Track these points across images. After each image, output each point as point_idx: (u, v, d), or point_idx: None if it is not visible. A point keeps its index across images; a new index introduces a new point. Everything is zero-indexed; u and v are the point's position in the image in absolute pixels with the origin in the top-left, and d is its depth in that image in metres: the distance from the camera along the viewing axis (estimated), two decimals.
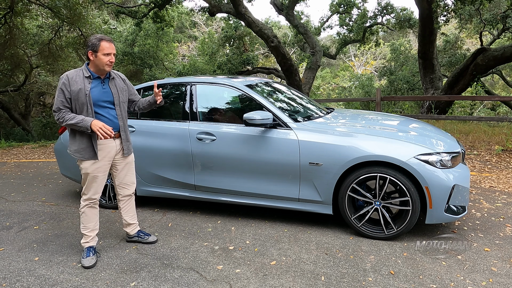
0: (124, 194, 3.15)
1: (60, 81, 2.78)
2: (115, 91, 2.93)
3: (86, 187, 2.94)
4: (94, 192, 2.94)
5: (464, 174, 3.15)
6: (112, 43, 2.82)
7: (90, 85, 2.80)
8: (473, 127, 8.45)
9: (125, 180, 3.12)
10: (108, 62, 2.79)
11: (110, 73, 2.94)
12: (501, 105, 17.98)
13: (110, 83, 2.92)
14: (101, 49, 2.75)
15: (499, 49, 10.37)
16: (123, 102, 3.00)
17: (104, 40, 2.77)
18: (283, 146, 3.33)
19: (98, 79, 2.86)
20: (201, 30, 29.75)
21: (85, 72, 2.81)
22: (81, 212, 2.99)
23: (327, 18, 18.72)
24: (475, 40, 20.97)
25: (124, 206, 3.20)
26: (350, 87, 25.14)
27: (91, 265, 2.87)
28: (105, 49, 2.76)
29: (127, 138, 3.04)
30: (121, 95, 2.97)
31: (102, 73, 2.86)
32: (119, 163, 3.05)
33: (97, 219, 3.06)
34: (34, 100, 20.18)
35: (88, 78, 2.80)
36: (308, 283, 2.55)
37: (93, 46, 2.76)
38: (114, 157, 3.00)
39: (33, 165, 7.20)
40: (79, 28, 12.89)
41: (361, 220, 3.21)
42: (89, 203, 2.97)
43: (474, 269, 2.68)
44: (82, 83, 2.76)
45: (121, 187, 3.13)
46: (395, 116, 4.62)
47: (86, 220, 2.99)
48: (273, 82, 4.54)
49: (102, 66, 2.79)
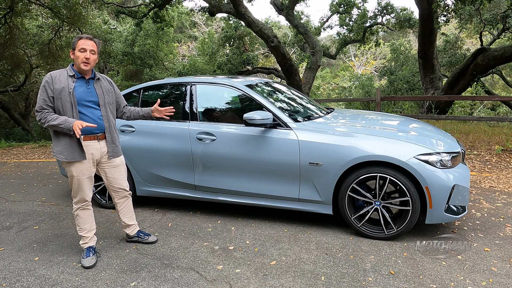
0: (119, 196, 3.11)
1: (43, 80, 2.73)
2: (100, 92, 2.86)
3: (74, 191, 2.89)
4: (82, 195, 2.88)
5: (464, 174, 3.15)
6: (90, 40, 2.75)
7: (74, 84, 2.74)
8: (473, 127, 8.45)
9: (116, 184, 3.05)
10: (84, 58, 2.70)
11: (96, 74, 2.88)
12: (501, 105, 17.98)
13: (95, 84, 2.86)
14: (77, 46, 2.72)
15: (499, 49, 10.37)
16: (109, 103, 2.92)
17: (82, 38, 2.75)
18: (283, 146, 3.33)
19: (82, 79, 2.80)
20: (201, 30, 29.76)
21: (70, 71, 2.78)
22: (74, 215, 2.96)
23: (327, 18, 18.72)
24: (475, 40, 20.97)
25: (122, 208, 3.16)
26: (350, 87, 25.15)
27: (91, 265, 2.86)
28: (80, 45, 2.71)
29: (113, 140, 2.94)
30: (107, 96, 2.90)
31: (84, 73, 2.79)
32: (106, 166, 2.97)
33: (92, 219, 3.02)
34: (34, 100, 20.16)
35: (72, 77, 2.76)
36: (308, 283, 2.56)
37: (73, 45, 2.76)
38: (100, 159, 2.92)
39: (33, 165, 7.20)
40: (79, 28, 12.89)
41: (361, 220, 3.21)
42: (81, 206, 2.92)
43: (474, 269, 2.68)
44: (65, 81, 2.72)
45: (114, 191, 3.08)
46: (395, 116, 4.62)
47: (81, 222, 2.96)
48: (273, 82, 4.54)
49: (78, 63, 2.73)
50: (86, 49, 2.72)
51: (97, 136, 2.86)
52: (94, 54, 2.77)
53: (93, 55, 2.76)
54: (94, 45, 2.78)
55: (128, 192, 3.15)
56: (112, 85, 3.03)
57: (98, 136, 2.86)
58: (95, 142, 2.85)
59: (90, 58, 2.73)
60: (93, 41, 2.78)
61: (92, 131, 2.82)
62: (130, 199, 3.20)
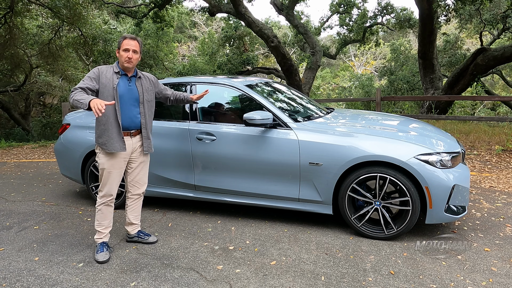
0: (134, 192, 3.19)
1: (93, 70, 2.89)
2: (140, 90, 3.02)
3: (102, 184, 3.01)
4: (109, 189, 3.00)
5: (464, 174, 3.15)
6: (134, 40, 2.92)
7: (118, 80, 2.91)
8: (473, 127, 8.45)
9: (137, 179, 3.16)
10: (127, 58, 2.87)
11: (138, 73, 3.04)
12: (501, 105, 18.00)
13: (136, 82, 3.02)
14: (122, 46, 2.91)
15: (499, 49, 10.37)
16: (148, 101, 3.07)
17: (126, 38, 2.92)
18: (283, 146, 3.33)
19: (125, 76, 2.97)
20: (201, 30, 29.76)
21: (115, 68, 2.96)
22: (97, 209, 3.05)
23: (327, 18, 18.73)
24: (475, 40, 20.98)
25: (132, 205, 3.23)
26: (350, 87, 25.13)
27: (105, 260, 2.93)
28: (124, 45, 2.89)
29: (148, 135, 3.09)
30: (146, 94, 3.05)
31: (127, 70, 2.96)
32: (135, 161, 3.10)
33: (112, 217, 3.12)
34: (34, 100, 20.18)
35: (117, 74, 2.93)
36: (308, 283, 2.56)
37: (118, 44, 2.94)
38: (131, 154, 3.05)
39: (33, 165, 7.20)
40: (79, 28, 12.90)
41: (361, 220, 3.21)
42: (106, 201, 3.03)
43: (474, 269, 2.68)
44: (111, 77, 2.89)
45: (132, 185, 3.17)
46: (395, 116, 4.62)
47: (101, 217, 3.05)
48: (273, 82, 4.54)
49: (121, 62, 2.91)
50: (129, 48, 2.88)
51: (131, 132, 3.00)
52: (136, 53, 2.93)
53: (135, 54, 2.92)
54: (137, 44, 2.94)
55: (143, 191, 3.24)
56: (153, 83, 3.17)
57: (132, 133, 3.01)
58: (128, 138, 2.99)
59: (132, 57, 2.89)
60: (136, 41, 2.94)
61: (128, 128, 2.97)
62: (142, 198, 3.28)
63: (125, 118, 2.94)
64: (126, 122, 2.95)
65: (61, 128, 4.45)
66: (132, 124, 2.99)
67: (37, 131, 17.44)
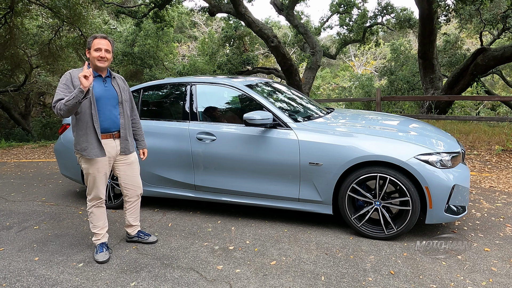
0: (130, 195, 3.15)
1: (63, 77, 2.79)
2: (118, 90, 2.96)
3: (89, 188, 2.97)
4: (97, 192, 2.95)
5: (464, 174, 3.15)
6: (104, 39, 2.83)
7: (92, 82, 2.79)
8: (473, 127, 8.44)
9: (132, 182, 3.12)
10: (99, 57, 2.78)
11: (111, 73, 2.97)
12: (501, 105, 17.98)
13: (112, 82, 2.95)
14: (92, 46, 2.81)
15: (499, 49, 10.36)
16: (126, 101, 3.02)
17: (97, 37, 2.82)
18: (283, 146, 3.33)
19: (99, 77, 2.89)
20: (201, 30, 29.75)
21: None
22: (89, 212, 3.03)
23: (327, 18, 18.71)
24: (475, 40, 20.97)
25: (130, 208, 3.21)
26: (350, 87, 25.12)
27: (105, 260, 2.92)
28: (95, 45, 2.79)
29: (126, 136, 3.01)
30: (123, 94, 3.00)
31: (100, 71, 2.88)
32: (121, 163, 3.05)
33: (105, 217, 3.10)
34: (34, 100, 20.18)
35: None
36: (308, 283, 2.55)
37: (88, 44, 2.84)
38: (116, 157, 3.00)
39: (33, 165, 7.20)
40: (79, 28, 12.89)
41: (361, 220, 3.21)
42: (95, 203, 3.01)
43: (474, 269, 2.68)
44: None
45: (128, 189, 3.13)
46: (395, 116, 4.62)
47: (95, 219, 3.03)
48: (273, 82, 4.54)
49: (94, 62, 2.81)
50: (101, 48, 2.80)
51: (113, 134, 2.95)
52: (109, 53, 2.84)
53: (108, 54, 2.83)
54: (109, 43, 2.86)
55: (140, 193, 3.21)
56: (126, 85, 3.10)
57: (114, 135, 2.95)
58: (111, 140, 2.94)
59: (105, 56, 2.81)
60: (108, 40, 2.86)
61: (109, 129, 2.90)
62: (140, 200, 3.25)
63: (105, 119, 2.86)
64: (107, 123, 2.87)
65: (61, 128, 4.45)
66: (114, 125, 2.92)
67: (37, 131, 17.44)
